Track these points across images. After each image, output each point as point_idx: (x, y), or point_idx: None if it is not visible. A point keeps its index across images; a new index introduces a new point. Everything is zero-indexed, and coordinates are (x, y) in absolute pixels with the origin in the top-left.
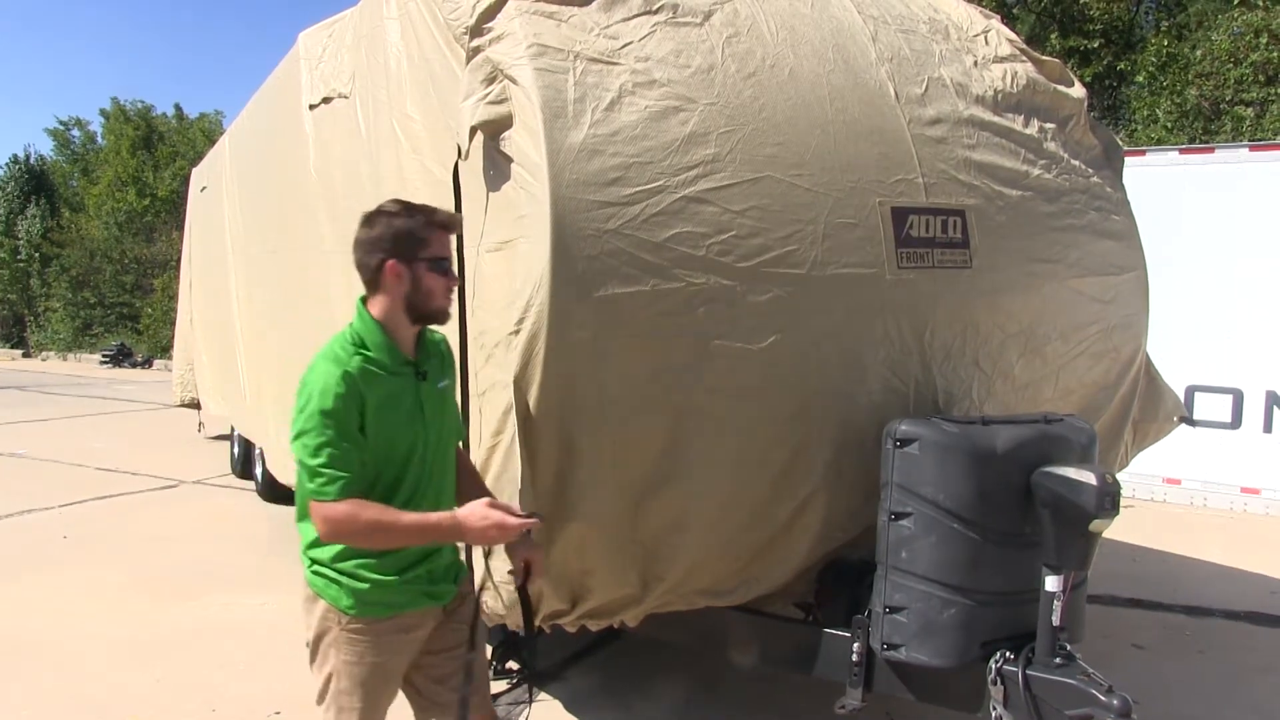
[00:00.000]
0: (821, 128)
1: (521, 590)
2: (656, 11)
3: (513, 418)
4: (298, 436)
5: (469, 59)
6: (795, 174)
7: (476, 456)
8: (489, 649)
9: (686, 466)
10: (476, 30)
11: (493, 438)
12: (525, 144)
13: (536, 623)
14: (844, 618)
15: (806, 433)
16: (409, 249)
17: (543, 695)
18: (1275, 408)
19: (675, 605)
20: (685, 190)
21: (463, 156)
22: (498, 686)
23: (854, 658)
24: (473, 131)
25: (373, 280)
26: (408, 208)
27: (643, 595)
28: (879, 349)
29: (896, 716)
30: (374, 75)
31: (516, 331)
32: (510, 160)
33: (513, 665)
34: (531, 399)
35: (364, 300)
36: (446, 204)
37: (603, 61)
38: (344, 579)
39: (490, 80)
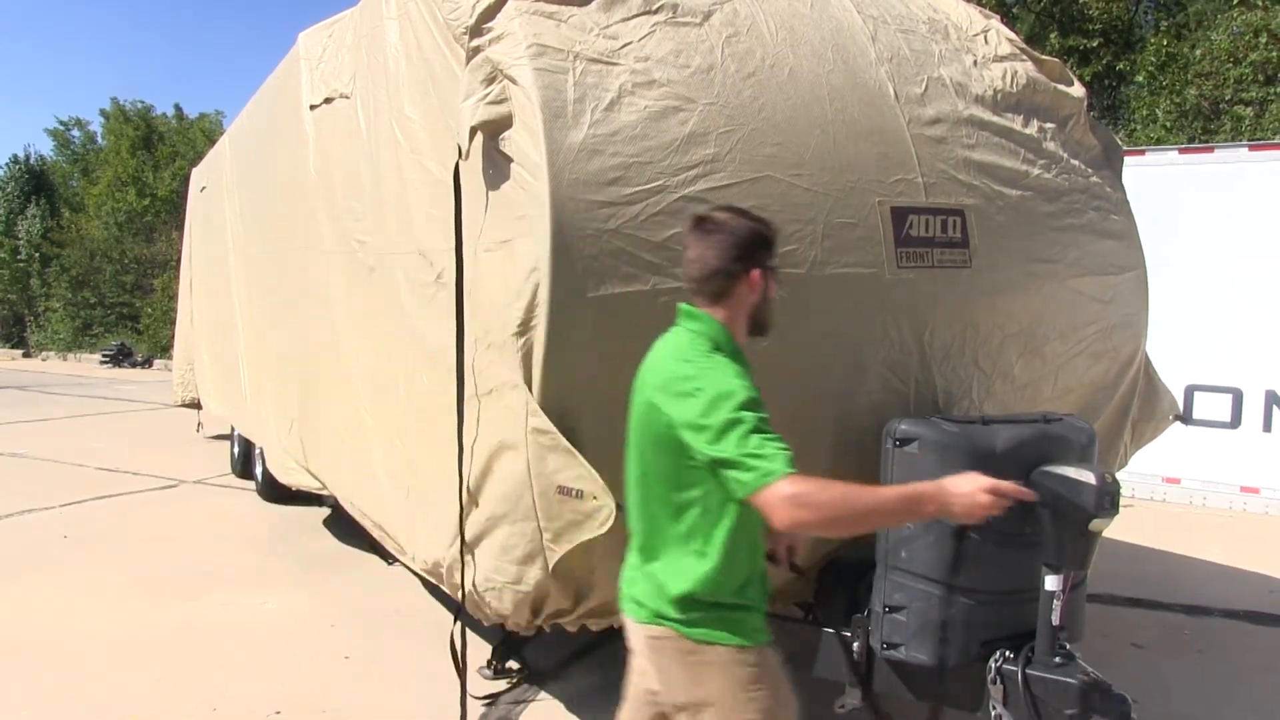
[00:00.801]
0: (821, 128)
1: (794, 567)
2: (656, 11)
3: (514, 417)
4: (720, 435)
5: (469, 59)
6: (795, 174)
7: (477, 457)
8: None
9: None
10: (476, 30)
11: (494, 438)
12: (525, 144)
13: (540, 622)
14: (843, 617)
15: (806, 432)
16: (765, 257)
17: (543, 694)
18: (1275, 407)
19: None
20: (685, 190)
21: (463, 156)
22: (498, 686)
23: (854, 657)
24: (473, 131)
25: (724, 289)
26: (749, 214)
27: None
28: (878, 349)
29: (895, 716)
30: (374, 75)
31: (517, 331)
32: (510, 160)
33: (513, 665)
34: (532, 398)
35: (694, 308)
36: (446, 204)
37: (602, 61)
38: (730, 612)
39: (490, 80)
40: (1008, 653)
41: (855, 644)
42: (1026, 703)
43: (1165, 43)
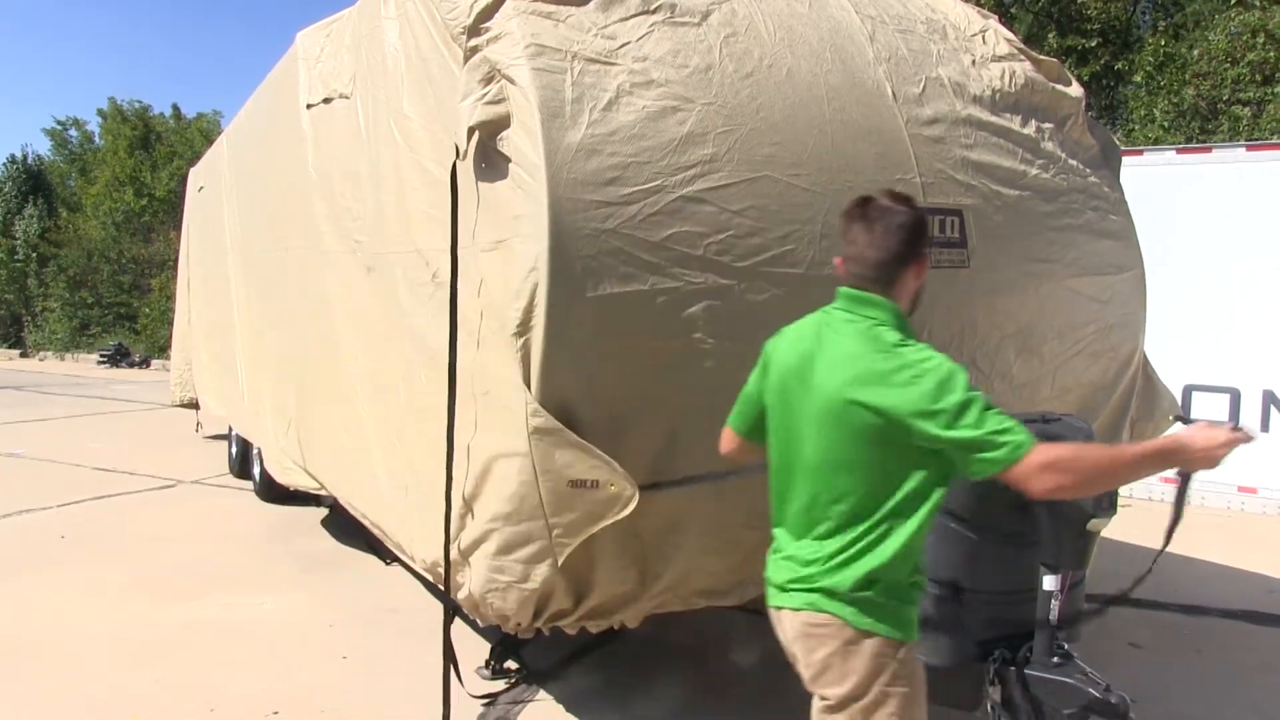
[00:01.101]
0: (819, 127)
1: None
2: (654, 11)
3: (514, 418)
4: (958, 418)
5: (466, 59)
6: (793, 174)
7: (476, 458)
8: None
9: (684, 465)
10: (474, 30)
11: (494, 439)
12: (523, 144)
13: (541, 623)
14: None
15: None
16: (927, 243)
17: (542, 694)
18: (1273, 407)
19: (673, 606)
20: (683, 190)
21: (460, 156)
22: (496, 686)
23: None
24: (470, 131)
25: (897, 275)
26: (910, 199)
27: (641, 592)
28: None
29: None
30: (373, 75)
31: (516, 332)
32: (508, 160)
33: (511, 665)
34: (533, 398)
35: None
36: (444, 204)
37: (600, 61)
38: (898, 603)
39: (488, 80)
40: (1006, 652)
41: None
42: (1024, 702)
43: (1163, 43)
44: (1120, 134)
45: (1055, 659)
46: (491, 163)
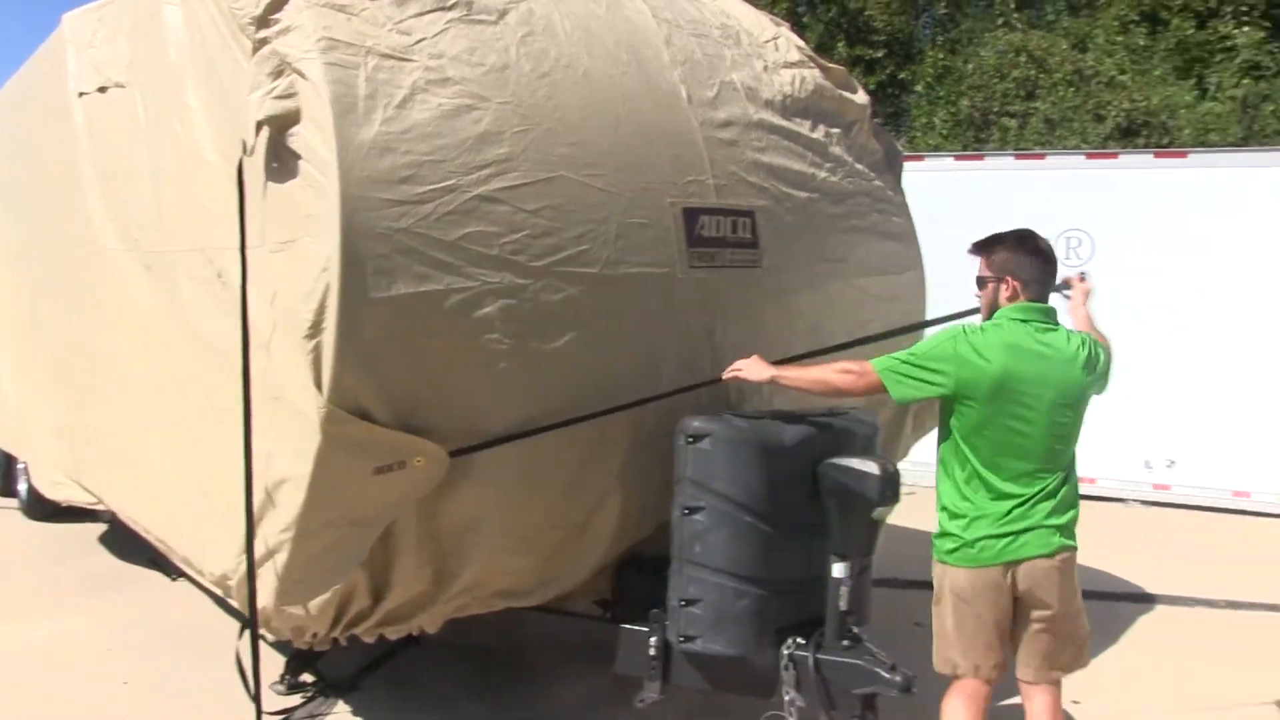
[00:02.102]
0: (615, 128)
1: None
2: (450, 8)
3: (307, 422)
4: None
5: (255, 51)
6: (589, 174)
7: (272, 464)
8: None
9: (480, 465)
10: (263, 21)
11: (288, 443)
12: (314, 140)
13: (338, 633)
14: (641, 612)
15: (601, 431)
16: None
17: (341, 706)
18: None
19: (474, 608)
20: (478, 189)
21: (248, 152)
22: (292, 701)
23: (651, 651)
24: (259, 126)
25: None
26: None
27: (439, 594)
28: (671, 347)
29: (697, 709)
30: (152, 64)
31: (307, 334)
32: (298, 157)
33: (308, 678)
34: (325, 401)
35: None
36: (229, 201)
37: (395, 57)
38: None
39: (278, 74)
40: (799, 639)
41: (653, 638)
42: (817, 686)
43: (941, 56)
44: (903, 140)
45: (845, 642)
46: (281, 160)
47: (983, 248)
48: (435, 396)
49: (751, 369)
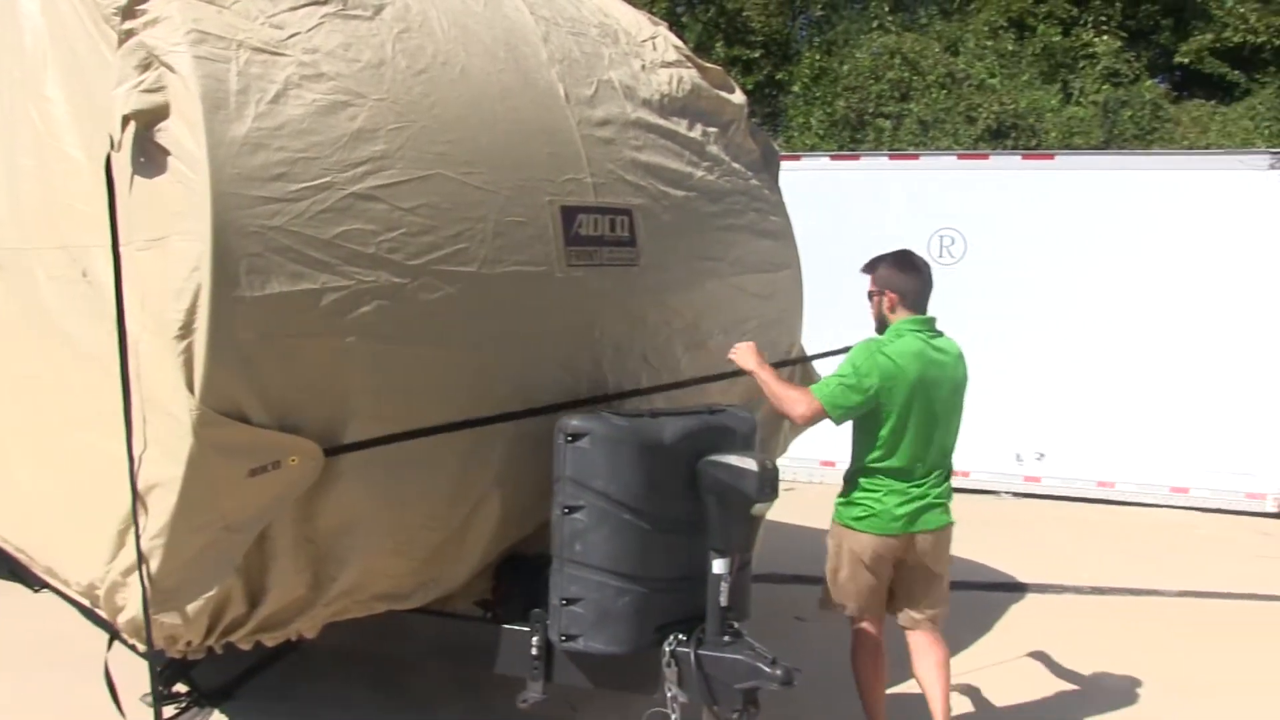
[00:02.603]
0: (492, 126)
1: None
2: (325, 2)
3: (179, 425)
4: None
5: (120, 42)
6: (466, 172)
7: (144, 468)
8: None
9: (356, 465)
10: (129, 11)
11: (161, 447)
12: (183, 136)
13: (213, 641)
14: (522, 612)
15: (479, 431)
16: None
17: (216, 716)
18: None
19: (353, 612)
20: (354, 187)
21: (115, 147)
22: (167, 712)
23: (533, 651)
24: (125, 120)
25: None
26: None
27: (316, 598)
28: (550, 345)
29: (580, 708)
30: (7, 52)
31: (178, 335)
32: (167, 153)
33: (181, 688)
34: (197, 403)
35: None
36: (94, 197)
37: (267, 52)
38: None
39: (145, 67)
40: (681, 636)
41: (535, 638)
42: (699, 681)
43: (818, 57)
44: (780, 140)
45: (726, 638)
46: (149, 155)
47: (869, 266)
48: (311, 396)
49: (744, 355)
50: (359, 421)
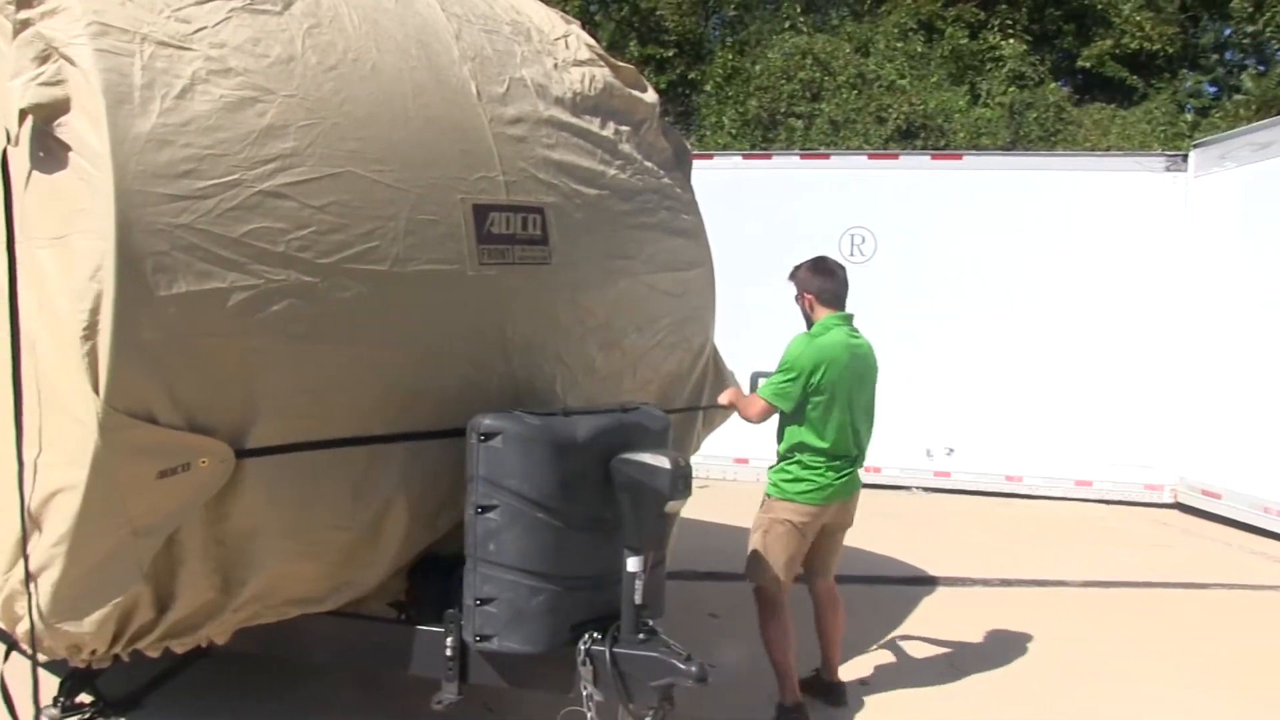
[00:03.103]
0: (404, 123)
1: None
2: None
3: (84, 428)
4: None
5: (16, 33)
6: (377, 169)
7: (43, 473)
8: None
9: (264, 466)
10: (25, 1)
11: (63, 450)
12: (85, 131)
13: (120, 649)
14: (436, 613)
15: (389, 431)
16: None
17: None
18: None
19: (265, 617)
20: (263, 184)
21: (12, 142)
22: None
23: (448, 652)
24: (23, 114)
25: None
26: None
27: (226, 602)
28: (462, 344)
29: (495, 708)
30: None
31: (83, 335)
32: (68, 148)
33: (85, 699)
34: (103, 405)
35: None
36: None
37: (173, 46)
38: None
39: (43, 59)
40: (596, 634)
41: (449, 639)
42: (614, 680)
43: (730, 57)
44: (693, 139)
45: (641, 636)
46: (49, 151)
47: (791, 274)
48: (221, 397)
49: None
50: (269, 421)
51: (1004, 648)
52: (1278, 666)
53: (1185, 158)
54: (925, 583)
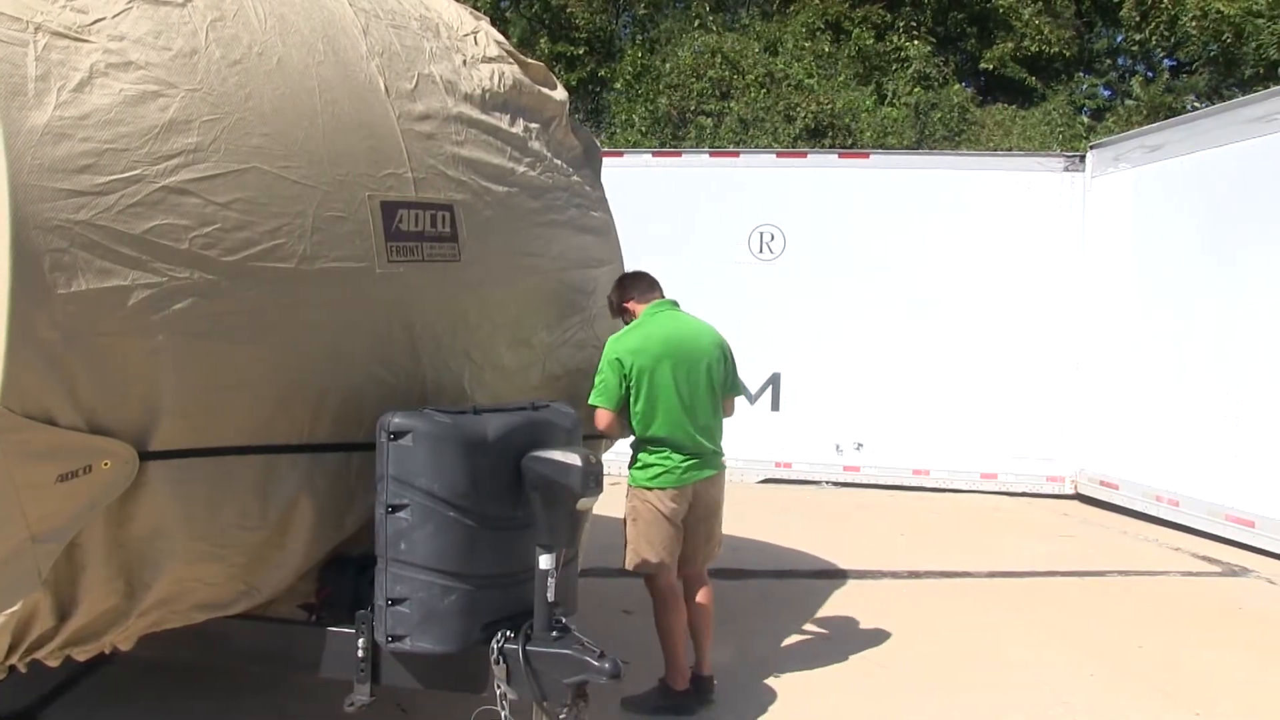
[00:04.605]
0: (310, 119)
1: None
2: None
3: None
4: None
5: None
6: (283, 166)
7: None
8: None
9: (166, 467)
10: None
11: None
12: None
13: (17, 659)
14: (347, 614)
15: (295, 430)
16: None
17: None
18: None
19: (171, 622)
20: (165, 180)
21: None
22: None
23: (359, 653)
24: None
25: None
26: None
27: (131, 607)
28: (369, 342)
29: (409, 708)
30: None
31: None
32: None
33: None
34: None
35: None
36: None
37: (70, 37)
38: None
39: None
40: (509, 632)
41: (360, 640)
42: (528, 678)
43: (640, 55)
44: (603, 136)
45: (554, 633)
46: None
47: (610, 311)
48: (123, 397)
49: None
50: (172, 421)
51: (913, 639)
52: (1167, 651)
53: (1083, 158)
54: (835, 576)
